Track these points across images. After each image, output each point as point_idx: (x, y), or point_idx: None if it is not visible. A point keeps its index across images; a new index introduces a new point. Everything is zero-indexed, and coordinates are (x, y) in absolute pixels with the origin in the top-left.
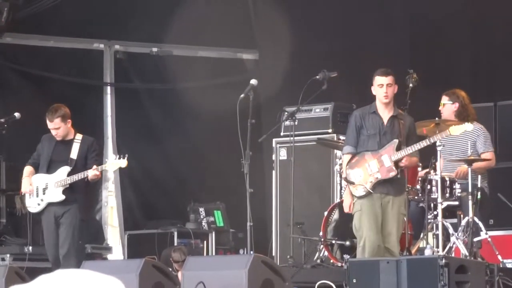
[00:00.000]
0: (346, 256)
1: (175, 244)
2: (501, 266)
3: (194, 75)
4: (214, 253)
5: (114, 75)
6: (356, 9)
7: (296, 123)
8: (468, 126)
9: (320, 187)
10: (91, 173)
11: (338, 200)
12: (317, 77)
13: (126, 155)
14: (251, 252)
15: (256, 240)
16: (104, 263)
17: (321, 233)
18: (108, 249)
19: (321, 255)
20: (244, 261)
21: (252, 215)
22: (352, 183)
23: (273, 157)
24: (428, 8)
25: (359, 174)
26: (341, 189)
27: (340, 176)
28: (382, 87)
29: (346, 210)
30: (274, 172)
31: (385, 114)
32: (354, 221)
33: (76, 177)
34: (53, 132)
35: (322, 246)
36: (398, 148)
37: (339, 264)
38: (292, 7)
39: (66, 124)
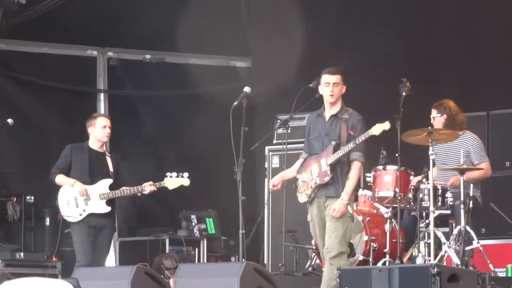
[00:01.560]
0: None
1: (167, 251)
2: (492, 275)
3: (187, 82)
4: (206, 261)
5: (107, 82)
6: (349, 18)
7: (289, 131)
8: (386, 125)
9: None
10: (149, 189)
11: None
12: (310, 85)
13: (186, 174)
14: (243, 259)
15: (248, 247)
16: (96, 270)
17: (313, 241)
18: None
19: (312, 263)
20: (236, 269)
21: (244, 223)
22: (296, 189)
23: (266, 164)
24: (421, 18)
25: (304, 180)
26: None
27: None
28: (328, 85)
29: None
30: (266, 180)
31: (328, 114)
32: (311, 230)
33: (128, 191)
34: (107, 130)
35: (314, 254)
36: (336, 150)
37: None
38: (285, 16)
39: None
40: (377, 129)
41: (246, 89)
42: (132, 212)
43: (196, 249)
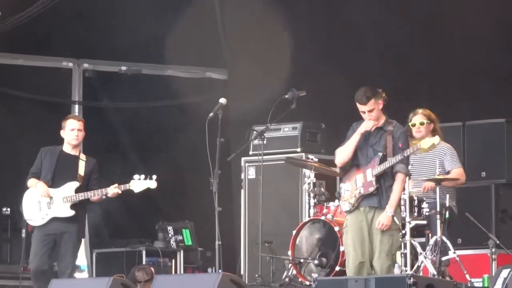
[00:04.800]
0: (315, 275)
1: (144, 262)
2: (469, 285)
3: (163, 93)
4: (182, 272)
5: (83, 94)
6: (325, 29)
7: (265, 142)
8: (436, 139)
9: (288, 206)
10: (112, 191)
11: (307, 219)
12: (286, 96)
13: (154, 176)
14: (220, 270)
15: (224, 258)
16: (72, 282)
17: (289, 252)
18: (75, 267)
19: (289, 273)
20: (212, 280)
21: (220, 234)
22: (339, 198)
23: (242, 176)
24: (396, 29)
25: (347, 189)
26: (309, 208)
27: (309, 195)
28: (364, 113)
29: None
30: (242, 191)
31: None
32: (343, 238)
33: (91, 194)
34: (74, 134)
35: (290, 264)
36: (382, 162)
37: (308, 283)
38: (261, 27)
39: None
40: (427, 143)
41: (222, 100)
42: (108, 224)
43: (173, 260)
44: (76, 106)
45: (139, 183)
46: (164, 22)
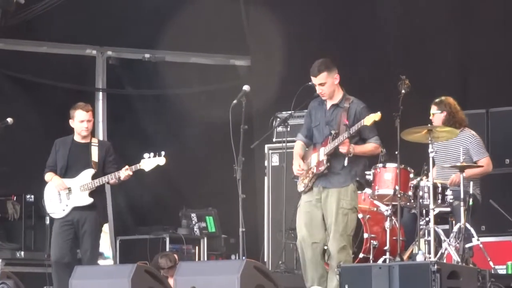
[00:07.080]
0: None
1: (167, 249)
2: (492, 272)
3: (186, 81)
4: (206, 259)
5: (106, 81)
6: (347, 15)
7: (288, 129)
8: (376, 116)
9: None
10: (124, 173)
11: None
12: (310, 83)
13: (163, 152)
14: (243, 257)
15: (248, 245)
16: (95, 269)
17: None
18: (99, 254)
19: None
20: (236, 267)
21: (244, 221)
22: (297, 178)
23: (265, 163)
24: (419, 15)
25: (304, 169)
26: None
27: None
28: (316, 86)
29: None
30: (266, 178)
31: (329, 103)
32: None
33: (105, 179)
34: (84, 125)
35: None
36: (333, 139)
37: None
38: (284, 13)
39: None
40: (369, 119)
41: (245, 87)
42: (132, 211)
43: (197, 247)
44: (100, 93)
45: (149, 161)
46: (188, 9)
